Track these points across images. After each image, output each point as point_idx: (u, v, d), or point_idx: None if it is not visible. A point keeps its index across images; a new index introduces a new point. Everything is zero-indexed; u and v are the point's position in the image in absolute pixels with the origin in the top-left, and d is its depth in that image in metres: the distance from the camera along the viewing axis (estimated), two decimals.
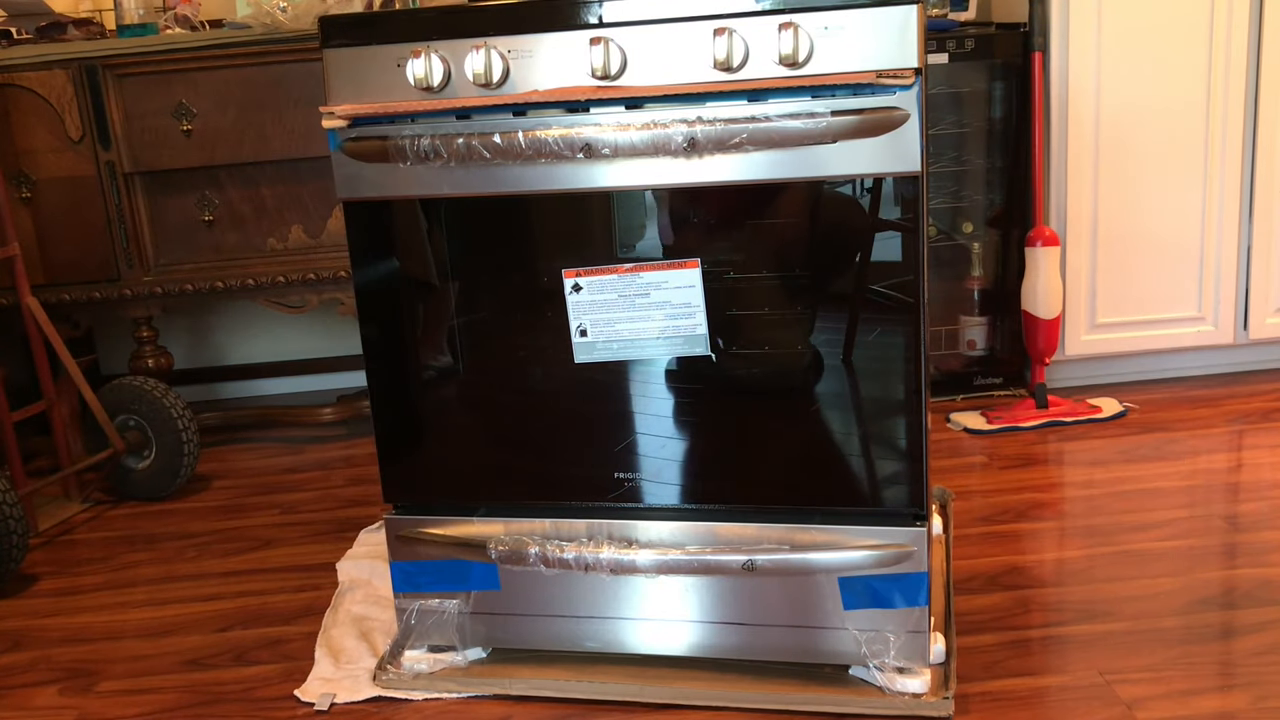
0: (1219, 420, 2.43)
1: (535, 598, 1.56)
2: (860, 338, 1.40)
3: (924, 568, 1.42)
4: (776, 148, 1.32)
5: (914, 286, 1.36)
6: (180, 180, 2.51)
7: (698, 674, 1.53)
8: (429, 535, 1.56)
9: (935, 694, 1.44)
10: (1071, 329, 2.57)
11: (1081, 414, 2.48)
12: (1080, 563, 1.82)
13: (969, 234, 2.65)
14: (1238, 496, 2.06)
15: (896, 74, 1.27)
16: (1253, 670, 1.48)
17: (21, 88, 2.43)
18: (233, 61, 2.44)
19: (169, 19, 2.63)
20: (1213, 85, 2.46)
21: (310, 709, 1.55)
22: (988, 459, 2.32)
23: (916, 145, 1.30)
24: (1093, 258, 2.54)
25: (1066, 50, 2.43)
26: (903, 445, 1.41)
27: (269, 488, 2.49)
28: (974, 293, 2.67)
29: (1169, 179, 2.51)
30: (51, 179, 2.48)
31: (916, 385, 1.39)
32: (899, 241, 1.36)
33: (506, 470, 1.54)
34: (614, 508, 1.51)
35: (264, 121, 2.46)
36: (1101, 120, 2.47)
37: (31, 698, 1.65)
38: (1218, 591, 1.70)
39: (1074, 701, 1.44)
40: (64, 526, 2.34)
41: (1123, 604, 1.67)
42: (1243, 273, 2.57)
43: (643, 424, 1.49)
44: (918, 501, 1.42)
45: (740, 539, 1.47)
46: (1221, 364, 2.70)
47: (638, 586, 1.52)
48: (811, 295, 1.41)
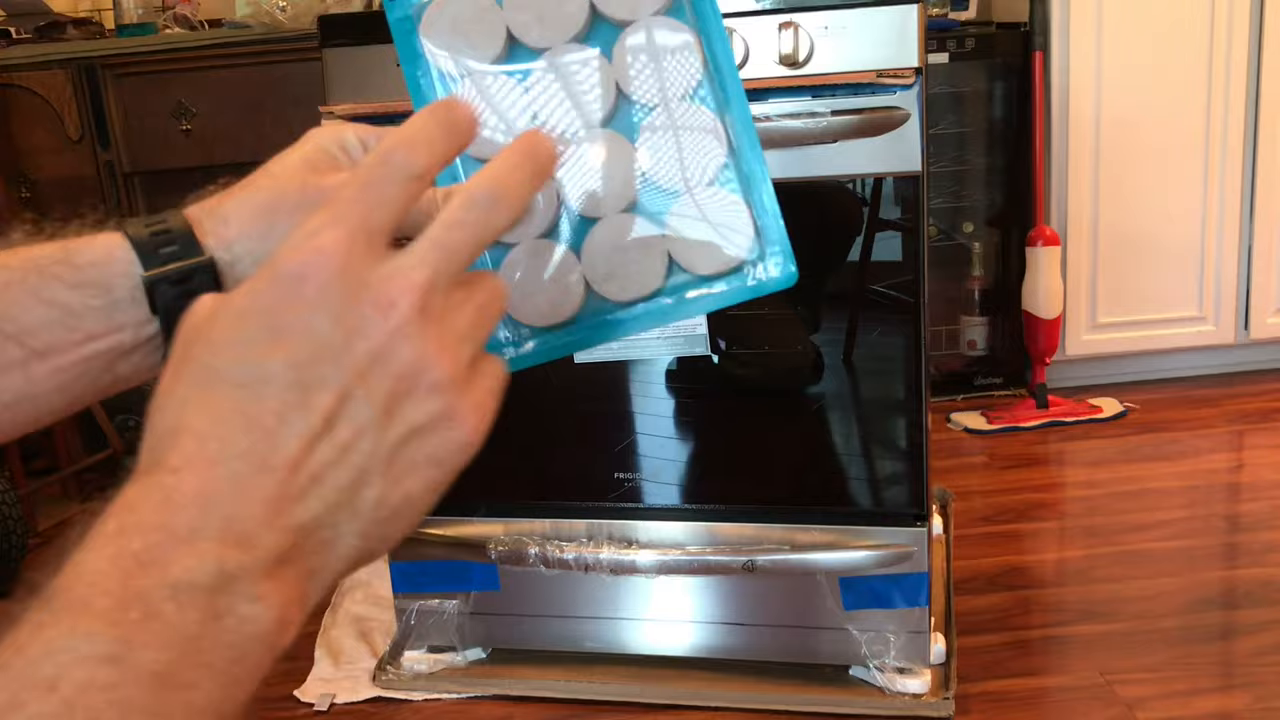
0: (1220, 420, 2.42)
1: (535, 598, 1.55)
2: (861, 337, 1.40)
3: (924, 568, 1.42)
4: (776, 148, 1.31)
5: (914, 286, 1.36)
6: (179, 180, 2.50)
7: (698, 674, 1.53)
8: (428, 535, 1.56)
9: (935, 694, 1.44)
10: (1072, 329, 2.56)
11: (1082, 414, 2.48)
12: (1081, 563, 1.82)
13: (969, 234, 2.64)
14: (1238, 496, 2.06)
15: (897, 74, 1.27)
16: (1253, 670, 1.48)
17: (21, 87, 2.43)
18: (232, 61, 2.44)
19: (168, 19, 2.62)
20: (1213, 84, 2.46)
21: (309, 709, 1.55)
22: (988, 459, 2.32)
23: (917, 145, 1.30)
24: (1093, 257, 2.53)
25: (1067, 49, 2.43)
26: (903, 445, 1.41)
27: None
28: (974, 292, 2.66)
29: (1170, 178, 2.50)
30: (51, 179, 2.48)
31: (917, 385, 1.38)
32: (899, 241, 1.36)
33: (507, 470, 1.54)
34: (614, 508, 1.51)
35: (263, 121, 2.46)
36: (1102, 119, 2.46)
37: None
38: (1218, 592, 1.70)
39: (1074, 702, 1.44)
40: (64, 527, 2.34)
41: (1123, 604, 1.67)
42: (1244, 272, 2.57)
43: (643, 424, 1.49)
44: (918, 502, 1.42)
45: (740, 539, 1.47)
46: (1222, 364, 2.70)
47: (638, 587, 1.52)
48: (812, 295, 1.41)
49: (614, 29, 0.48)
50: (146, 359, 0.47)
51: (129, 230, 0.46)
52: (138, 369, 0.47)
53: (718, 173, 0.47)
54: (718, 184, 0.47)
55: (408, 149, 0.36)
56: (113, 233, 0.47)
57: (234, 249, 0.46)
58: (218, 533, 0.32)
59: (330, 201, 0.35)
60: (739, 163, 0.47)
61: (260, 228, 0.46)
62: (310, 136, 0.49)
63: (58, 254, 0.46)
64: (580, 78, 0.47)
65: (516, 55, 0.48)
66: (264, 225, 0.46)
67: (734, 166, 0.47)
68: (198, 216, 0.47)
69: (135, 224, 0.46)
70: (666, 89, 0.47)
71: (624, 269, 0.47)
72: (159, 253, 0.45)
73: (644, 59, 0.47)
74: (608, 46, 0.47)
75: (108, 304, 0.45)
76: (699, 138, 0.47)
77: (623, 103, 0.48)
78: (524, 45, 0.48)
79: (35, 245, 0.46)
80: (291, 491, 0.33)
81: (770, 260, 0.48)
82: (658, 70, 0.47)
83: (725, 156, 0.47)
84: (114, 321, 0.45)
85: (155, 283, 0.45)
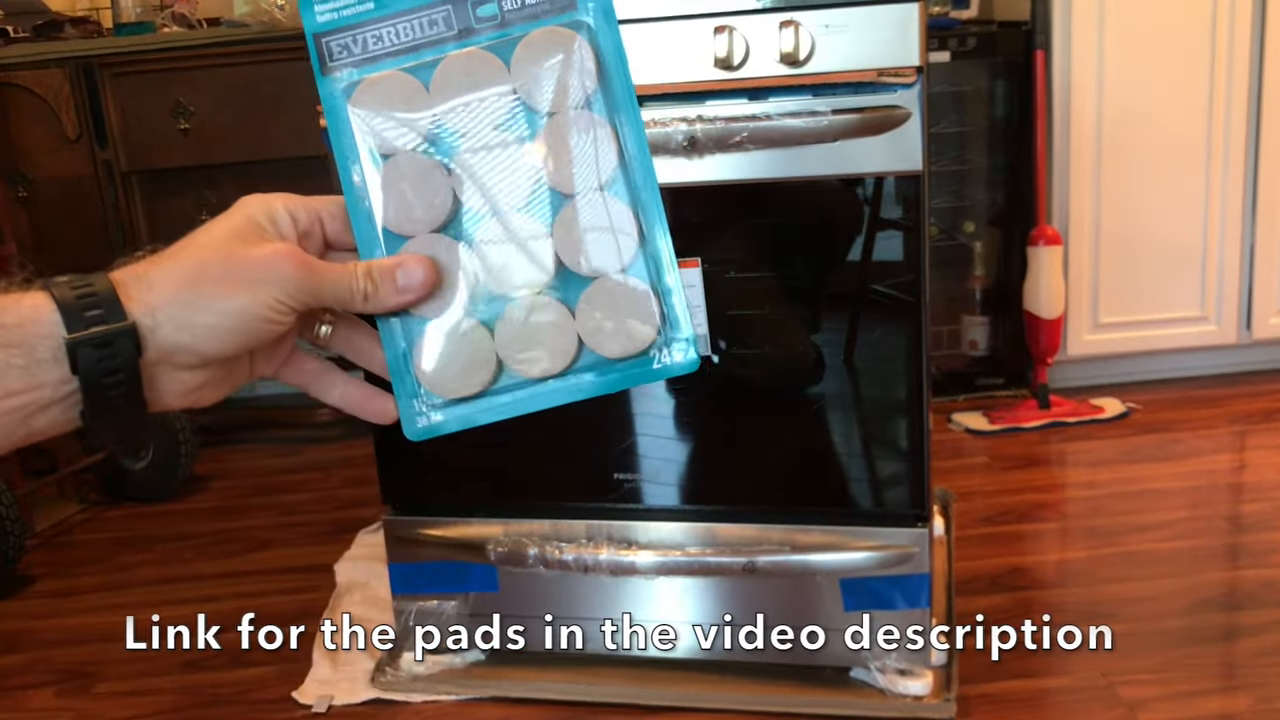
0: (1222, 421, 2.42)
1: (534, 599, 1.55)
2: (861, 338, 1.39)
3: (925, 569, 1.41)
4: (777, 146, 1.31)
5: (915, 286, 1.35)
6: (177, 179, 2.50)
7: (698, 676, 1.52)
8: (427, 536, 1.55)
9: (937, 696, 1.43)
10: (1074, 329, 2.55)
11: (1084, 414, 2.47)
12: (1082, 564, 1.81)
13: (971, 233, 2.64)
14: (1240, 497, 2.06)
15: (898, 72, 1.27)
16: (1255, 671, 1.47)
17: (18, 86, 2.43)
18: (230, 60, 2.43)
19: (166, 17, 2.62)
20: (1215, 83, 2.45)
21: (308, 711, 1.54)
22: (989, 460, 2.31)
23: (918, 144, 1.29)
24: (1095, 257, 2.53)
25: (1069, 48, 2.42)
26: (904, 446, 1.40)
27: (266, 489, 2.48)
28: (976, 292, 2.66)
29: (1171, 178, 2.50)
30: (48, 178, 2.48)
31: (918, 385, 1.38)
32: (900, 241, 1.35)
33: (505, 471, 1.53)
34: (613, 509, 1.50)
35: (262, 120, 2.46)
36: (1104, 119, 2.46)
37: (28, 699, 1.64)
38: (1220, 593, 1.69)
39: (1076, 703, 1.43)
40: (61, 527, 2.33)
41: (1125, 605, 1.66)
42: (1246, 272, 2.56)
43: (643, 424, 1.48)
44: (919, 502, 1.41)
45: (740, 540, 1.46)
46: (1224, 364, 2.69)
47: (638, 588, 1.51)
48: (812, 295, 1.40)
49: (536, 116, 0.50)
50: (63, 415, 0.48)
51: (55, 292, 0.48)
52: (54, 423, 0.49)
53: (630, 261, 0.50)
54: (628, 271, 0.50)
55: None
56: (39, 293, 0.48)
57: (157, 315, 0.48)
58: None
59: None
60: (648, 248, 0.50)
61: (185, 295, 0.48)
62: (240, 206, 0.51)
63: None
64: (501, 163, 0.50)
65: (440, 136, 0.51)
66: (189, 293, 0.48)
67: (643, 253, 0.50)
68: (124, 280, 0.48)
69: (62, 285, 0.48)
70: (583, 179, 0.50)
71: (536, 347, 0.50)
72: (84, 315, 0.47)
73: (562, 149, 0.50)
74: (531, 135, 0.50)
75: (30, 363, 0.47)
76: (614, 227, 0.50)
77: (541, 189, 0.50)
78: (447, 128, 0.50)
79: None
80: None
81: (675, 346, 0.51)
82: (577, 160, 0.50)
83: (636, 246, 0.50)
84: (34, 379, 0.47)
85: (78, 345, 0.46)
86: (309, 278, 0.49)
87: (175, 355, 0.49)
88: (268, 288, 0.48)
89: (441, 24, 0.50)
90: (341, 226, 0.53)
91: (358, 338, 0.55)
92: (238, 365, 0.52)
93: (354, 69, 0.51)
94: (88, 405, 0.48)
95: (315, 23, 0.51)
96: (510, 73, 0.50)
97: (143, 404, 0.49)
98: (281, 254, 0.49)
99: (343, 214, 0.52)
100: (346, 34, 0.51)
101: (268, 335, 0.50)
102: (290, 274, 0.48)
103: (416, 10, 0.50)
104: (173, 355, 0.49)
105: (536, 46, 0.50)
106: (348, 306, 0.51)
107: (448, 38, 0.50)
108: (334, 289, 0.50)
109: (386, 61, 0.51)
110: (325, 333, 0.54)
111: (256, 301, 0.48)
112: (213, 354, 0.49)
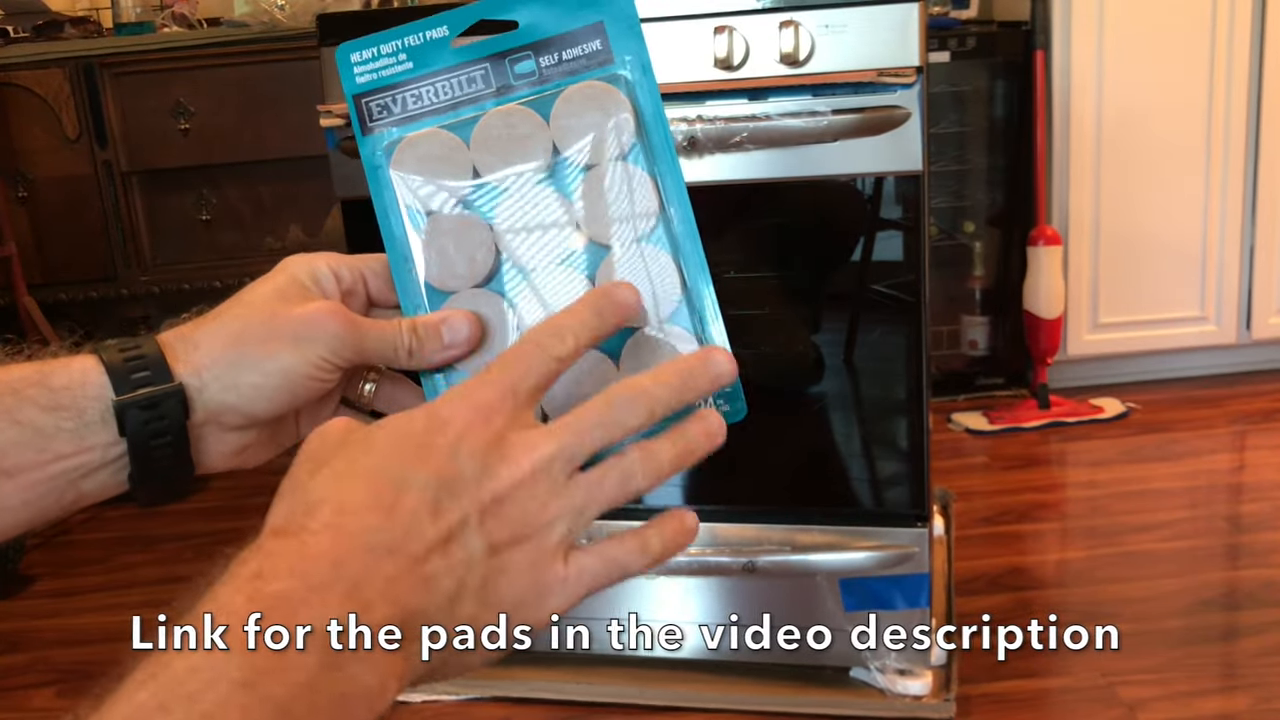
0: (1222, 421, 2.42)
1: None
2: (861, 338, 1.40)
3: (925, 569, 1.41)
4: (777, 147, 1.31)
5: (915, 286, 1.35)
6: (178, 179, 2.50)
7: (698, 676, 1.52)
8: None
9: (937, 696, 1.43)
10: (1073, 329, 2.55)
11: (1084, 414, 2.47)
12: (1082, 564, 1.81)
13: (970, 233, 2.64)
14: (1240, 497, 2.06)
15: (898, 72, 1.27)
16: (1255, 671, 1.47)
17: (18, 86, 2.43)
18: (230, 60, 2.43)
19: (166, 17, 2.62)
20: (1215, 83, 2.45)
21: None
22: (989, 460, 2.31)
23: (918, 144, 1.29)
24: (1095, 257, 2.53)
25: (1068, 48, 2.42)
26: (904, 446, 1.40)
27: (268, 488, 2.45)
28: (975, 292, 2.66)
29: (1171, 178, 2.50)
30: (48, 178, 2.48)
31: (918, 385, 1.38)
32: (900, 241, 1.35)
33: None
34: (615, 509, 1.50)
35: (262, 120, 2.46)
36: (1104, 119, 2.46)
37: (29, 699, 1.64)
38: (1220, 593, 1.69)
39: (1076, 703, 1.43)
40: (61, 527, 2.33)
41: (1125, 605, 1.66)
42: (1245, 272, 2.56)
43: None
44: (919, 502, 1.41)
45: (741, 540, 1.46)
46: (1224, 364, 2.69)
47: (642, 588, 1.52)
48: (812, 295, 1.40)
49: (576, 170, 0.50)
50: (112, 478, 0.48)
51: (104, 355, 0.48)
52: (103, 487, 0.49)
53: (671, 313, 0.50)
54: (670, 321, 0.50)
55: (555, 336, 0.43)
56: (88, 356, 0.48)
57: (203, 376, 0.48)
58: (344, 591, 0.37)
59: (486, 368, 0.42)
60: (692, 299, 0.50)
61: (230, 356, 0.48)
62: (284, 266, 0.51)
63: (34, 376, 0.47)
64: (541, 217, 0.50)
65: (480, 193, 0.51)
66: (234, 354, 0.48)
67: (688, 303, 0.50)
68: (170, 342, 0.49)
69: (110, 348, 0.48)
70: (623, 231, 0.50)
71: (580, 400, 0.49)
72: (131, 378, 0.47)
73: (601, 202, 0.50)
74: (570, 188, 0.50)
75: (79, 426, 0.47)
76: (656, 280, 0.50)
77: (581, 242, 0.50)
78: (489, 182, 0.50)
79: (12, 366, 0.48)
80: (409, 579, 0.38)
81: (718, 399, 0.52)
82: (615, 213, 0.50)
83: (678, 296, 0.50)
84: (84, 443, 0.47)
85: (126, 407, 0.47)
86: (353, 334, 0.49)
87: (222, 415, 0.49)
88: (312, 345, 0.48)
89: (480, 81, 0.50)
90: (384, 284, 0.52)
91: (402, 395, 0.54)
92: (283, 426, 0.52)
93: (394, 128, 0.51)
94: (135, 467, 0.48)
95: (355, 84, 0.51)
96: (549, 127, 0.50)
97: (190, 465, 0.49)
98: (325, 311, 0.49)
99: (386, 272, 0.52)
100: (386, 94, 0.51)
101: (313, 393, 0.49)
102: (335, 331, 0.48)
103: (455, 69, 0.50)
104: (219, 415, 0.49)
105: (575, 101, 0.50)
106: (392, 363, 0.50)
107: (486, 95, 0.50)
108: (378, 345, 0.49)
109: (426, 120, 0.50)
110: (369, 390, 0.54)
111: (301, 359, 0.48)
112: (259, 413, 0.49)
